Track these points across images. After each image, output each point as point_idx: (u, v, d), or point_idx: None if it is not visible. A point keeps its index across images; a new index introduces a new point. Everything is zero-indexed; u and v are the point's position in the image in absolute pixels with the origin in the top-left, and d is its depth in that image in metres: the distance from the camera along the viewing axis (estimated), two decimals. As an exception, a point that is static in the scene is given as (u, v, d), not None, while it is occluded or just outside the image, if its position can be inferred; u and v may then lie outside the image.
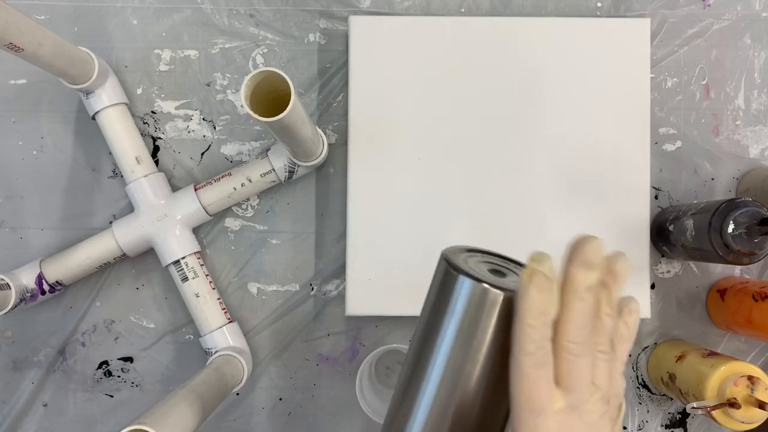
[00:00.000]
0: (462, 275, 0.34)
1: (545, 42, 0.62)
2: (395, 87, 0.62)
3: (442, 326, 0.35)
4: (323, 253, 0.66)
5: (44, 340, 0.66)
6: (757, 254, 0.54)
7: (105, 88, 0.61)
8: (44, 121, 0.66)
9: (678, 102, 0.67)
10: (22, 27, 0.46)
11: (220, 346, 0.62)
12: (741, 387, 0.54)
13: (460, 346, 0.34)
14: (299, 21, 0.66)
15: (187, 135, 0.66)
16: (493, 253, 0.39)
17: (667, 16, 0.66)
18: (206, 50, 0.66)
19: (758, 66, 0.66)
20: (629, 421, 0.66)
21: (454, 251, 0.37)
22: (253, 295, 0.66)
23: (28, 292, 0.60)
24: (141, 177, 0.62)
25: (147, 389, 0.66)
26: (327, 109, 0.66)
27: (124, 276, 0.66)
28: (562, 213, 0.62)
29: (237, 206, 0.66)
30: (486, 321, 0.33)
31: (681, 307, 0.66)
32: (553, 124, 0.62)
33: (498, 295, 0.33)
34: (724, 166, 0.66)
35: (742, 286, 0.62)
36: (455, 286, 0.34)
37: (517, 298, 0.33)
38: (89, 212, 0.66)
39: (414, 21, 0.63)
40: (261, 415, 0.66)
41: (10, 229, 0.66)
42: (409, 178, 0.62)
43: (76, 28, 0.66)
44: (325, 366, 0.66)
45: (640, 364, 0.66)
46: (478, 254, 0.39)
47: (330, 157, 0.66)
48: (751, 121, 0.66)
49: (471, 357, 0.34)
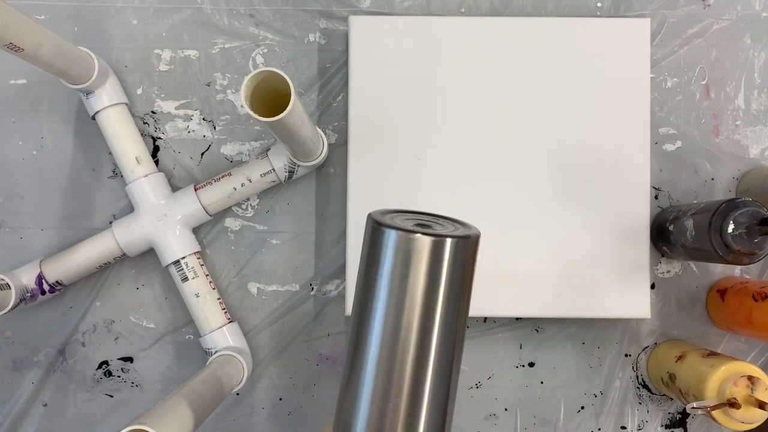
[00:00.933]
0: (388, 228, 0.35)
1: (545, 42, 0.62)
2: (395, 87, 0.62)
3: (376, 283, 0.35)
4: (323, 253, 0.66)
5: (44, 340, 0.66)
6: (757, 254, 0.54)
7: (105, 88, 0.61)
8: (44, 121, 0.66)
9: (678, 102, 0.67)
10: (22, 27, 0.46)
11: (220, 346, 0.62)
12: (741, 387, 0.54)
13: (395, 297, 0.35)
14: (299, 21, 0.66)
15: (187, 135, 0.66)
16: (418, 212, 0.40)
17: (667, 16, 0.66)
18: (206, 50, 0.66)
19: (758, 66, 0.66)
20: (629, 421, 0.66)
21: (380, 212, 0.38)
22: (253, 295, 0.66)
23: (28, 292, 0.60)
24: (141, 177, 0.62)
25: (147, 389, 0.66)
26: (327, 109, 0.66)
27: (124, 276, 0.66)
28: (562, 213, 0.62)
29: (237, 206, 0.66)
30: (416, 267, 0.34)
31: (681, 307, 0.66)
32: (553, 124, 0.62)
33: (424, 240, 0.34)
34: (724, 166, 0.66)
35: (742, 286, 0.62)
36: (382, 240, 0.35)
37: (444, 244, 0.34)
38: (89, 212, 0.66)
39: (414, 21, 0.63)
40: (261, 415, 0.66)
41: (10, 229, 0.66)
42: (409, 178, 0.62)
43: (76, 28, 0.66)
44: (325, 366, 0.66)
45: (640, 364, 0.66)
46: (404, 213, 0.40)
47: (330, 157, 0.66)
48: (751, 121, 0.66)
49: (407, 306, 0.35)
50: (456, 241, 0.35)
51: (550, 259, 0.62)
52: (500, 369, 0.66)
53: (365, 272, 0.37)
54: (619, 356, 0.66)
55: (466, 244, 0.36)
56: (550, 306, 0.62)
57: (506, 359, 0.66)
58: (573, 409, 0.66)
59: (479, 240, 0.38)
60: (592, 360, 0.66)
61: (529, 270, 0.62)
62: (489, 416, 0.66)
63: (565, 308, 0.62)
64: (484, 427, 0.66)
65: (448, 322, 0.35)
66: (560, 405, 0.66)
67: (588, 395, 0.66)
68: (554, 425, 0.66)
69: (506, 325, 0.66)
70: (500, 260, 0.62)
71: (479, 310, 0.62)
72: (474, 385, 0.66)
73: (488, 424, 0.66)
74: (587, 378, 0.66)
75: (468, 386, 0.66)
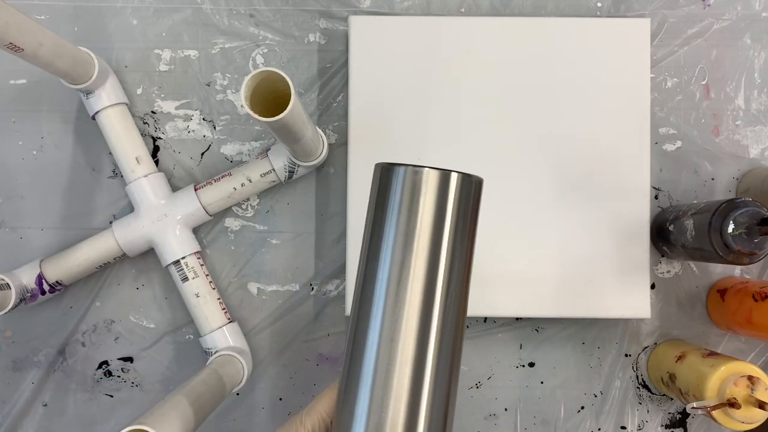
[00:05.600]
0: (397, 166, 0.35)
1: (545, 42, 0.62)
2: (395, 87, 0.62)
3: (386, 221, 0.35)
4: (323, 253, 0.66)
5: (44, 340, 0.66)
6: (757, 254, 0.53)
7: (105, 88, 0.61)
8: (44, 121, 0.66)
9: (678, 102, 0.67)
10: (22, 27, 0.46)
11: (220, 346, 0.62)
12: (741, 387, 0.54)
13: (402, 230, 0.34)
14: (299, 21, 0.66)
15: (187, 135, 0.66)
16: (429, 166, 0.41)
17: (667, 16, 0.66)
18: (206, 50, 0.66)
19: (758, 66, 0.66)
20: (629, 421, 0.66)
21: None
22: (253, 295, 0.66)
23: (28, 292, 0.60)
24: (141, 177, 0.62)
25: (147, 389, 0.66)
26: (327, 109, 0.66)
27: (124, 276, 0.66)
28: (562, 213, 0.62)
29: (237, 206, 0.66)
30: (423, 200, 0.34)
31: (681, 307, 0.66)
32: (554, 123, 0.62)
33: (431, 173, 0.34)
34: (724, 166, 0.66)
35: (742, 286, 0.62)
36: (390, 177, 0.36)
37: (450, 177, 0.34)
38: (89, 212, 0.66)
39: (414, 21, 0.63)
40: (261, 415, 0.66)
41: (10, 229, 0.66)
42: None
43: (76, 28, 0.66)
44: (325, 366, 0.66)
45: (640, 364, 0.66)
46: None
47: (330, 157, 0.66)
48: (751, 121, 0.66)
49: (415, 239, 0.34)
50: (462, 176, 0.36)
51: (550, 259, 0.62)
52: (500, 369, 0.66)
53: (374, 213, 0.36)
54: (619, 356, 0.66)
55: (471, 182, 0.36)
56: (550, 306, 0.62)
57: (506, 359, 0.66)
58: (573, 409, 0.66)
59: (482, 185, 0.38)
60: (592, 360, 0.66)
61: (529, 270, 0.62)
62: (489, 416, 0.66)
63: (565, 308, 0.62)
64: (484, 427, 0.66)
65: (455, 259, 0.35)
66: (560, 405, 0.66)
67: (588, 395, 0.66)
68: (554, 425, 0.66)
69: (506, 325, 0.66)
70: (500, 260, 0.62)
71: (479, 310, 0.62)
72: (474, 385, 0.66)
73: (488, 424, 0.66)
74: (587, 378, 0.66)
75: (468, 386, 0.66)
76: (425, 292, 0.34)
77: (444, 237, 0.35)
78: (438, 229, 0.35)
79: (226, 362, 0.59)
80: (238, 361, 0.60)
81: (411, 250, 0.34)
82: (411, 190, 0.35)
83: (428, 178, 0.35)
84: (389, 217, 0.35)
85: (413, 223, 0.34)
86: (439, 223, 0.35)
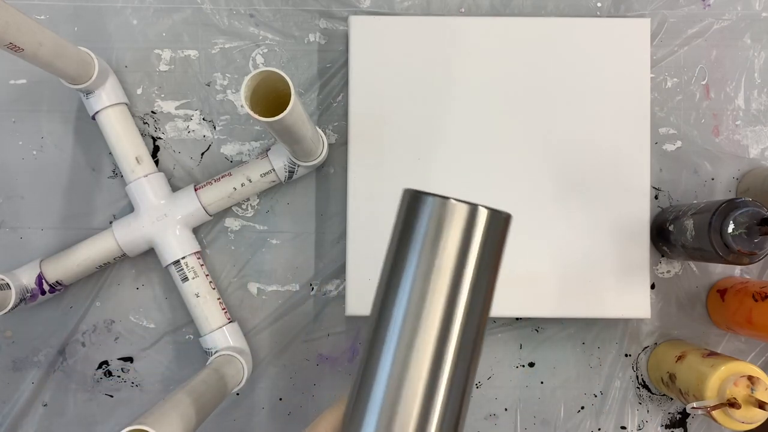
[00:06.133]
0: (425, 195, 0.35)
1: (545, 42, 0.62)
2: (395, 87, 0.62)
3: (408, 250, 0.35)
4: (323, 253, 0.66)
5: (44, 340, 0.66)
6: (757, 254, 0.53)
7: (105, 88, 0.61)
8: (44, 121, 0.66)
9: (678, 102, 0.67)
10: (22, 27, 0.46)
11: (220, 346, 0.62)
12: (741, 387, 0.54)
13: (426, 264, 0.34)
14: (299, 21, 0.66)
15: (187, 135, 0.66)
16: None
17: (667, 16, 0.66)
18: (206, 50, 0.66)
19: (758, 66, 0.66)
20: (629, 421, 0.66)
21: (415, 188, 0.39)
22: (253, 295, 0.66)
23: (28, 292, 0.60)
24: (141, 177, 0.62)
25: (147, 389, 0.66)
26: (327, 109, 0.66)
27: (124, 276, 0.66)
28: (562, 213, 0.62)
29: (237, 206, 0.66)
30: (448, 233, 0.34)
31: (681, 307, 0.66)
32: (554, 124, 0.62)
33: (460, 206, 0.34)
34: (724, 166, 0.66)
35: (742, 286, 0.62)
36: (417, 206, 0.35)
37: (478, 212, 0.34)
38: (89, 212, 0.66)
39: (414, 21, 0.63)
40: (261, 415, 0.66)
41: (10, 229, 0.66)
42: (409, 178, 0.62)
43: (76, 28, 0.66)
44: (325, 366, 0.66)
45: (640, 364, 0.66)
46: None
47: (330, 157, 0.66)
48: (751, 121, 0.66)
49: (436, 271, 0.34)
50: (491, 212, 0.35)
51: (550, 259, 0.62)
52: (500, 369, 0.66)
53: (397, 239, 0.36)
54: (619, 356, 0.66)
55: (500, 218, 0.36)
56: (550, 306, 0.62)
57: (506, 359, 0.66)
58: (573, 409, 0.66)
59: (510, 222, 0.37)
60: (592, 360, 0.66)
61: (529, 270, 0.62)
62: (489, 416, 0.66)
63: (565, 308, 0.62)
64: (484, 427, 0.66)
65: (475, 294, 0.35)
66: (560, 405, 0.66)
67: (588, 395, 0.66)
68: (554, 425, 0.66)
69: (506, 325, 0.66)
70: (500, 260, 0.62)
71: (479, 310, 0.62)
72: (474, 385, 0.66)
73: (488, 424, 0.66)
74: (587, 378, 0.66)
75: (468, 386, 0.66)
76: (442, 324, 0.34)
77: (466, 271, 0.34)
78: (461, 264, 0.34)
79: (226, 362, 0.59)
80: (238, 361, 0.60)
81: (431, 281, 0.34)
82: (437, 222, 0.34)
83: (455, 210, 0.34)
84: (413, 246, 0.35)
85: (436, 255, 0.34)
86: (463, 258, 0.34)
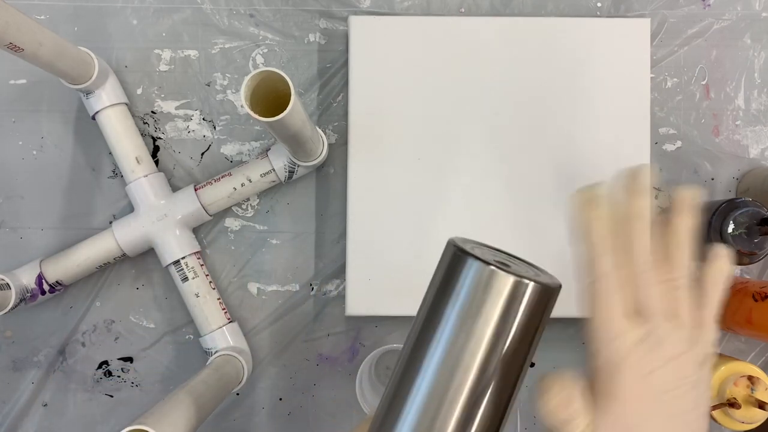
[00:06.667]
0: (471, 257, 0.34)
1: (545, 42, 0.62)
2: (395, 87, 0.62)
3: (446, 310, 0.34)
4: (323, 253, 0.66)
5: (44, 340, 0.66)
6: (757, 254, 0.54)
7: (105, 88, 0.61)
8: (44, 121, 0.66)
9: (678, 102, 0.67)
10: (22, 27, 0.46)
11: (220, 346, 0.62)
12: (741, 387, 0.54)
13: (463, 330, 0.33)
14: (299, 21, 0.66)
15: (187, 135, 0.66)
16: (498, 249, 0.39)
17: (667, 16, 0.66)
18: (206, 50, 0.66)
19: (758, 66, 0.66)
20: (629, 421, 0.66)
21: (463, 240, 0.37)
22: (253, 295, 0.66)
23: (28, 292, 0.60)
24: (141, 177, 0.62)
25: (147, 389, 0.66)
26: (327, 109, 0.66)
27: (124, 276, 0.66)
28: (562, 212, 0.62)
29: (237, 206, 0.66)
30: (491, 304, 0.33)
31: (681, 307, 0.66)
32: (553, 124, 0.62)
33: (507, 278, 0.33)
34: (724, 166, 0.66)
35: (742, 286, 0.62)
36: (463, 268, 0.34)
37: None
38: (89, 212, 0.66)
39: (414, 21, 0.63)
40: (261, 415, 0.66)
41: (10, 229, 0.66)
42: (409, 178, 0.62)
43: (76, 28, 0.66)
44: (325, 366, 0.66)
45: (640, 364, 0.66)
46: (484, 247, 0.38)
47: (330, 157, 0.66)
48: (751, 121, 0.66)
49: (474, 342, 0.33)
50: (538, 287, 0.34)
51: (550, 259, 0.62)
52: (500, 369, 0.66)
53: (436, 294, 0.35)
54: (619, 356, 0.66)
55: (547, 292, 0.34)
56: (550, 306, 0.62)
57: (506, 359, 0.66)
58: (573, 409, 0.66)
59: (559, 292, 0.36)
60: (592, 360, 0.66)
61: (529, 270, 0.62)
62: (489, 416, 0.66)
63: (565, 308, 0.62)
64: (484, 427, 0.66)
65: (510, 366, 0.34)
66: (560, 405, 0.66)
67: (588, 395, 0.66)
68: (554, 425, 0.66)
69: (506, 325, 0.66)
70: (500, 260, 0.62)
71: (479, 310, 0.62)
72: None
73: (488, 424, 0.66)
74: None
75: (468, 386, 0.66)
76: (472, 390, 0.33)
77: (503, 341, 0.33)
78: (498, 334, 0.33)
79: (226, 362, 0.59)
80: (238, 361, 0.60)
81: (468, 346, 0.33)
82: (483, 290, 0.33)
83: (502, 282, 0.33)
84: (452, 306, 0.34)
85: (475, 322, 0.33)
86: (502, 328, 0.33)
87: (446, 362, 0.33)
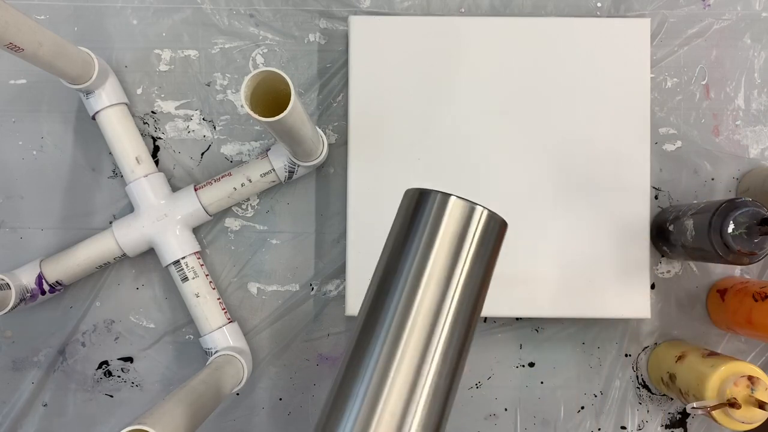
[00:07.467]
0: (424, 191, 0.36)
1: (545, 42, 0.62)
2: (395, 87, 0.62)
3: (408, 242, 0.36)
4: (323, 253, 0.66)
5: (44, 340, 0.66)
6: (757, 254, 0.53)
7: (105, 88, 0.61)
8: (44, 121, 0.66)
9: (678, 102, 0.67)
10: (22, 27, 0.46)
11: (220, 346, 0.62)
12: (741, 387, 0.54)
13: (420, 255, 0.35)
14: (299, 21, 0.66)
15: (187, 135, 0.66)
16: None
17: (667, 16, 0.66)
18: (206, 50, 0.66)
19: (758, 66, 0.66)
20: (629, 421, 0.66)
21: None
22: (253, 295, 0.66)
23: (28, 292, 0.60)
24: (141, 177, 0.62)
25: (147, 389, 0.66)
26: (327, 109, 0.66)
27: (124, 276, 0.66)
28: (562, 213, 0.62)
29: (237, 206, 0.66)
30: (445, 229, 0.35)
31: (681, 307, 0.66)
32: (554, 123, 0.62)
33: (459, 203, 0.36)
34: (724, 166, 0.66)
35: (742, 286, 0.62)
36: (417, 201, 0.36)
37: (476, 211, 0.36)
38: (89, 212, 0.66)
39: (414, 21, 0.63)
40: (261, 415, 0.66)
41: (10, 229, 0.66)
42: (409, 178, 0.62)
43: (76, 28, 0.66)
44: (325, 366, 0.66)
45: (640, 364, 0.66)
46: None
47: (330, 157, 0.66)
48: (751, 121, 0.66)
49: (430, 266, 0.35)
50: (489, 213, 0.36)
51: (550, 259, 0.62)
52: (500, 369, 0.66)
53: (395, 233, 0.37)
54: (619, 356, 0.66)
55: (496, 222, 0.37)
56: (550, 306, 0.62)
57: (506, 359, 0.66)
58: (573, 409, 0.66)
59: (506, 229, 0.39)
60: (592, 360, 0.66)
61: (529, 270, 0.62)
62: (489, 416, 0.66)
63: (565, 308, 0.62)
64: (484, 427, 0.66)
65: (466, 294, 0.36)
66: (560, 405, 0.66)
67: (588, 395, 0.66)
68: (554, 425, 0.66)
69: (506, 325, 0.66)
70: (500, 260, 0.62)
71: (479, 310, 0.62)
72: (474, 385, 0.66)
73: (488, 424, 0.66)
74: (587, 378, 0.66)
75: (468, 386, 0.66)
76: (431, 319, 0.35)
77: (459, 264, 0.36)
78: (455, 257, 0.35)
79: (226, 362, 0.59)
80: (238, 361, 0.60)
81: (425, 270, 0.35)
82: (436, 215, 0.36)
83: (455, 206, 0.36)
84: (410, 238, 0.36)
85: (432, 247, 0.35)
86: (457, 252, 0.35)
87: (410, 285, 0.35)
